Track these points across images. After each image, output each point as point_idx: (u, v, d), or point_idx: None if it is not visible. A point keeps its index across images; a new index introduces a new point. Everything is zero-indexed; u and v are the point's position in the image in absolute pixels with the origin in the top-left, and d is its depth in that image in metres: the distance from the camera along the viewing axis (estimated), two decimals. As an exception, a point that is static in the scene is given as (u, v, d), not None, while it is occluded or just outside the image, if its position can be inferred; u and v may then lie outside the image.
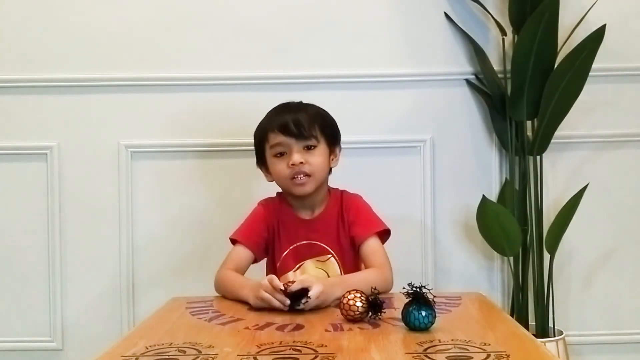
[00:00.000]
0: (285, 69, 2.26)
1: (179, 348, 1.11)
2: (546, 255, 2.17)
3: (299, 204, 1.72)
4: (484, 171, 2.32)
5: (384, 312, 1.27)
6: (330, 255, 1.69)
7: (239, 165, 2.23)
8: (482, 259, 2.32)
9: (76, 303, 2.30)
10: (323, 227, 1.71)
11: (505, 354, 1.03)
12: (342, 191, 1.76)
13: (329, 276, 1.65)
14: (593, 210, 2.26)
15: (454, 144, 2.31)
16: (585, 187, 2.09)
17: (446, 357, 1.03)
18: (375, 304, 1.27)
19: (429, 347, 1.08)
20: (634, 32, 2.28)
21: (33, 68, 2.28)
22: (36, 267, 2.29)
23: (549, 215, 2.19)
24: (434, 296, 1.21)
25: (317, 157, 1.65)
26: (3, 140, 2.29)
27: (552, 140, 2.18)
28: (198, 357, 1.06)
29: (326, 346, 1.10)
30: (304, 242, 1.70)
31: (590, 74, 2.08)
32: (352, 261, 1.71)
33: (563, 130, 2.19)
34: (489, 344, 1.08)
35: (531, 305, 2.18)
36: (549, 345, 2.06)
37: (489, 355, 1.03)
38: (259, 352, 1.08)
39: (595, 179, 2.23)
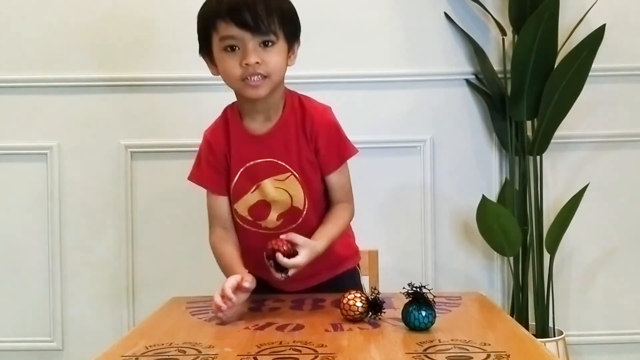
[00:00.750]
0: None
1: (179, 348, 1.11)
2: (546, 255, 2.17)
3: (250, 108, 1.48)
4: (484, 171, 2.32)
5: (384, 312, 1.27)
6: (290, 174, 1.48)
7: (239, 165, 2.23)
8: (482, 259, 2.32)
9: (76, 303, 2.30)
10: (279, 141, 1.48)
11: (505, 354, 1.03)
12: (300, 96, 1.53)
13: (291, 196, 1.48)
14: (593, 210, 2.26)
15: (454, 144, 2.31)
16: (585, 187, 2.09)
17: (446, 357, 1.03)
18: (375, 304, 1.27)
19: (429, 347, 1.08)
20: (634, 32, 2.29)
21: (33, 68, 2.28)
22: (36, 267, 2.29)
23: (549, 215, 2.19)
24: (434, 296, 1.21)
25: (275, 56, 1.40)
26: (3, 140, 2.29)
27: (552, 140, 2.18)
28: (198, 357, 1.06)
29: (326, 346, 1.10)
30: (259, 160, 1.48)
31: (590, 74, 2.08)
32: (315, 179, 1.51)
33: (563, 130, 2.19)
34: (489, 344, 1.08)
35: (531, 305, 2.18)
36: (549, 345, 2.06)
37: (489, 355, 1.03)
38: (259, 352, 1.08)
39: (595, 179, 2.23)
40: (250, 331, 1.21)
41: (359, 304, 1.25)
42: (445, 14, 2.29)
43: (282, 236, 1.35)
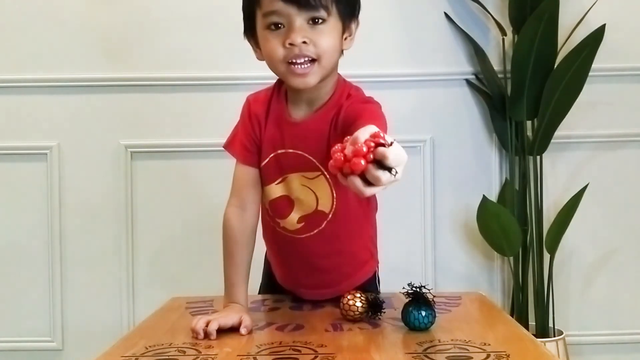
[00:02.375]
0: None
1: (179, 348, 1.11)
2: (546, 255, 2.17)
3: (294, 96, 1.33)
4: (484, 171, 2.32)
5: (384, 312, 1.27)
6: (320, 173, 1.30)
7: (239, 165, 2.23)
8: (482, 259, 2.32)
9: (76, 303, 2.30)
10: (314, 134, 1.29)
11: (505, 354, 1.03)
12: (353, 87, 1.35)
13: (317, 198, 1.32)
14: (593, 210, 2.26)
15: (454, 144, 2.31)
16: (585, 187, 2.09)
17: (446, 357, 1.03)
18: (375, 304, 1.27)
19: (429, 347, 1.08)
20: (634, 32, 2.28)
21: (33, 68, 2.28)
22: (36, 267, 2.29)
23: (549, 215, 2.19)
24: (434, 296, 1.21)
25: (325, 36, 1.21)
26: (3, 140, 2.29)
27: (552, 140, 2.18)
28: (198, 357, 1.06)
29: (326, 346, 1.10)
30: (290, 150, 1.31)
31: (590, 74, 2.08)
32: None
33: (563, 130, 2.19)
34: (489, 344, 1.08)
35: (531, 305, 2.18)
36: (549, 345, 2.06)
37: (489, 355, 1.03)
38: (259, 352, 1.08)
39: (595, 179, 2.23)
40: (250, 331, 1.21)
41: (358, 304, 1.25)
42: (445, 14, 2.29)
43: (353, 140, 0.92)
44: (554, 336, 2.14)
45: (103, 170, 2.29)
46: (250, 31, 1.30)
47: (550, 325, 2.18)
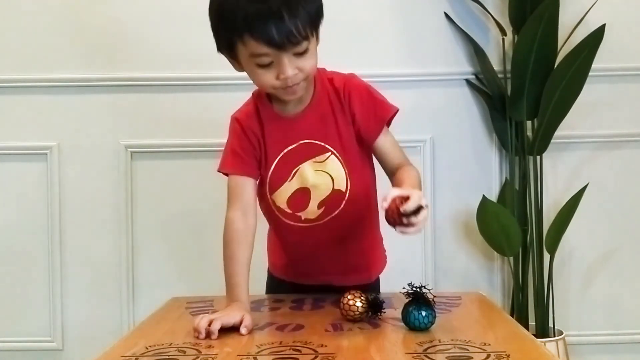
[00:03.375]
0: (285, 69, 2.27)
1: (179, 348, 1.11)
2: (546, 255, 2.17)
3: (282, 101, 1.41)
4: (484, 171, 2.32)
5: (384, 312, 1.27)
6: (330, 153, 1.40)
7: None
8: (482, 259, 2.32)
9: (76, 303, 2.30)
10: (315, 120, 1.40)
11: (505, 354, 1.03)
12: (325, 71, 1.45)
13: (332, 179, 1.40)
14: (593, 210, 2.26)
15: (454, 144, 2.31)
16: (585, 187, 2.09)
17: (446, 357, 1.03)
18: (375, 304, 1.27)
19: (429, 347, 1.08)
20: (634, 32, 2.29)
21: (33, 68, 2.28)
22: (36, 267, 2.29)
23: (549, 215, 2.19)
24: (434, 296, 1.21)
25: (310, 60, 1.31)
26: (3, 140, 2.29)
27: (552, 140, 2.18)
28: (198, 357, 1.06)
29: (326, 346, 1.10)
30: (296, 144, 1.40)
31: (590, 74, 2.08)
32: (356, 154, 1.43)
33: (563, 130, 2.19)
34: (489, 344, 1.08)
35: (531, 305, 2.18)
36: (549, 345, 2.06)
37: (489, 355, 1.03)
38: (259, 352, 1.08)
39: (595, 179, 2.23)
40: (250, 331, 1.21)
41: (358, 303, 1.25)
42: (445, 14, 2.29)
43: (389, 197, 1.20)
44: (554, 336, 2.14)
45: (103, 170, 2.29)
46: (228, 51, 1.36)
47: (550, 325, 2.18)
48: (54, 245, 2.28)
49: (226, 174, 1.42)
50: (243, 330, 1.19)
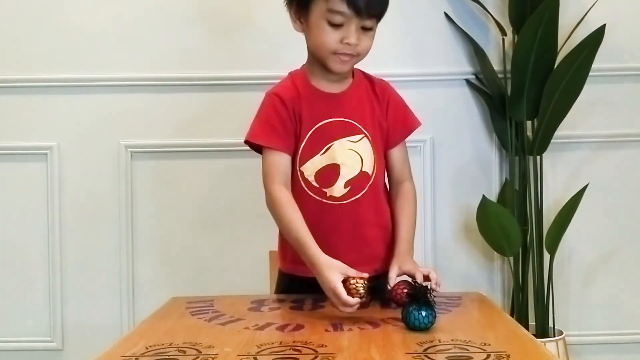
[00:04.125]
0: (285, 68, 2.25)
1: (179, 348, 1.11)
2: (546, 255, 2.17)
3: (324, 72, 1.50)
4: (484, 171, 2.32)
5: (386, 297, 1.27)
6: (363, 135, 1.49)
7: (239, 165, 2.23)
8: (482, 259, 2.32)
9: (76, 303, 2.30)
10: (354, 101, 1.51)
11: (505, 354, 1.03)
12: (361, 70, 1.58)
13: (362, 160, 1.47)
14: (593, 210, 2.26)
15: (454, 144, 2.31)
16: (585, 187, 2.09)
17: (446, 357, 1.03)
18: (377, 289, 1.26)
19: (429, 347, 1.08)
20: (634, 32, 2.29)
21: (33, 68, 2.28)
22: (36, 267, 2.29)
23: (549, 215, 2.19)
24: (434, 296, 1.21)
25: (369, 40, 1.46)
26: (3, 140, 2.29)
27: (552, 140, 2.18)
28: (198, 357, 1.06)
29: (326, 346, 1.10)
30: (332, 119, 1.48)
31: (590, 74, 2.08)
32: (380, 146, 1.52)
33: (563, 130, 2.19)
34: (489, 344, 1.08)
35: (531, 305, 2.18)
36: (549, 345, 2.06)
37: (489, 355, 1.03)
38: (259, 352, 1.08)
39: (595, 179, 2.23)
40: (250, 331, 1.21)
41: (361, 287, 1.25)
42: (445, 14, 2.29)
43: (394, 283, 1.32)
44: (554, 336, 2.14)
45: (103, 170, 2.29)
46: (299, 4, 1.45)
47: (550, 325, 2.18)
48: (54, 245, 2.28)
49: (258, 146, 1.47)
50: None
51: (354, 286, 1.25)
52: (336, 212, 1.47)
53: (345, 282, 1.27)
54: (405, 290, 1.26)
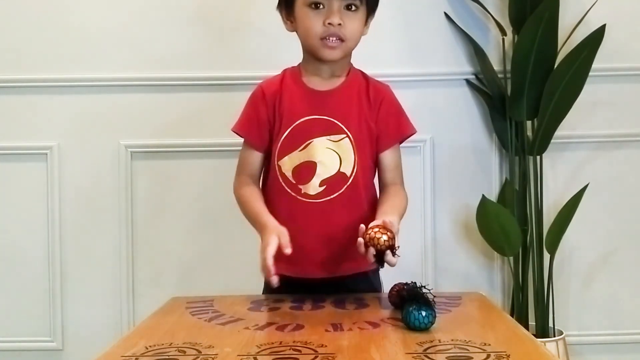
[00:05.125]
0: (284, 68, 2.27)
1: (179, 348, 1.11)
2: (546, 255, 2.17)
3: (316, 67, 1.50)
4: (484, 171, 2.32)
5: (397, 257, 1.26)
6: (345, 136, 1.46)
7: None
8: (482, 259, 2.32)
9: (76, 303, 2.30)
10: (340, 101, 1.48)
11: (505, 354, 1.03)
12: (362, 72, 1.57)
13: (340, 160, 1.46)
14: (593, 210, 2.26)
15: (454, 144, 2.31)
16: (585, 187, 2.09)
17: (446, 357, 1.03)
18: (380, 257, 1.26)
19: (429, 347, 1.08)
20: (634, 32, 2.29)
21: (33, 68, 2.28)
22: (36, 267, 2.29)
23: (549, 215, 2.19)
24: (434, 296, 1.21)
25: (355, 22, 1.44)
26: (3, 140, 2.29)
27: (552, 140, 2.18)
28: (198, 357, 1.06)
29: (326, 346, 1.09)
30: (314, 116, 1.47)
31: (590, 74, 2.08)
32: (369, 149, 1.50)
33: (563, 130, 2.19)
34: (489, 344, 1.08)
35: (531, 305, 2.18)
36: (549, 345, 2.06)
37: (489, 356, 1.03)
38: (259, 352, 1.08)
39: (595, 179, 2.23)
40: (250, 331, 1.21)
41: (384, 237, 1.25)
42: (445, 14, 2.29)
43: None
44: (554, 336, 2.14)
45: (103, 170, 2.29)
46: (285, 4, 1.49)
47: (550, 325, 2.18)
48: (54, 245, 2.28)
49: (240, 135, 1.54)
50: (287, 250, 1.30)
51: (373, 237, 1.25)
52: (308, 210, 1.46)
53: (368, 230, 1.27)
54: (401, 292, 1.26)
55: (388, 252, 1.25)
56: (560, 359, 2.07)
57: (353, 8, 1.43)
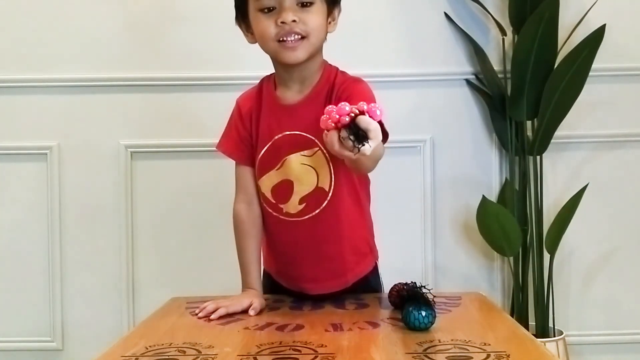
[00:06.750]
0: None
1: (179, 348, 1.11)
2: (546, 255, 2.17)
3: (286, 76, 1.42)
4: (484, 171, 2.32)
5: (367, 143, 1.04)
6: (317, 149, 1.37)
7: (239, 165, 2.23)
8: (482, 259, 2.32)
9: (76, 303, 2.30)
10: (309, 113, 1.36)
11: (505, 354, 1.03)
12: (339, 70, 1.45)
13: (317, 175, 1.38)
14: (593, 210, 2.26)
15: (454, 144, 2.31)
16: (585, 187, 2.09)
17: (446, 357, 1.03)
18: (357, 134, 1.04)
19: (429, 347, 1.08)
20: (634, 32, 2.29)
21: (33, 68, 2.28)
22: (36, 267, 2.29)
23: (549, 215, 2.19)
24: (434, 296, 1.21)
25: (314, 17, 1.35)
26: (3, 140, 2.29)
27: (552, 140, 2.18)
28: (198, 357, 1.06)
29: (326, 346, 1.10)
30: (287, 132, 1.40)
31: (590, 74, 2.08)
32: None
33: (563, 130, 2.19)
34: (489, 344, 1.08)
35: (531, 305, 2.18)
36: (549, 345, 2.06)
37: (489, 355, 1.03)
38: (259, 352, 1.08)
39: (595, 179, 2.23)
40: (250, 331, 1.22)
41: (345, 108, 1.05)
42: (445, 14, 2.29)
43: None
44: (554, 336, 2.14)
45: (103, 170, 2.29)
46: (241, 16, 1.42)
47: (550, 325, 2.18)
48: (54, 245, 2.28)
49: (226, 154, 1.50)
50: (251, 312, 1.32)
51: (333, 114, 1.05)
52: (293, 229, 1.42)
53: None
54: (401, 292, 1.26)
55: (361, 117, 1.03)
56: (560, 359, 2.07)
57: (307, 4, 1.34)
